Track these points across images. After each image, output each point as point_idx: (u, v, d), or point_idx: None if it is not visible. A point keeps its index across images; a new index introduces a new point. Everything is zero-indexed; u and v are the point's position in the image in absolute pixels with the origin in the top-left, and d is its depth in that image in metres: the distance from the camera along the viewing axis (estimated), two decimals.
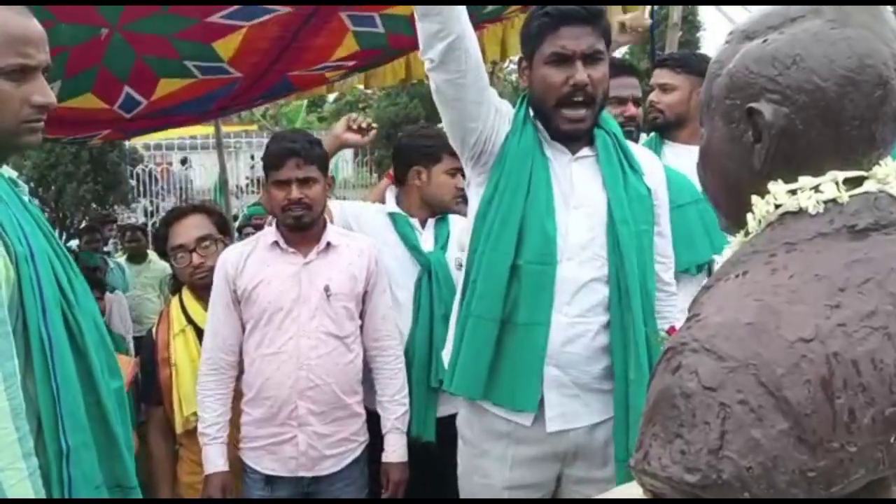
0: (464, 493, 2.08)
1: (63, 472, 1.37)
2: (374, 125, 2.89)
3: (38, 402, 1.36)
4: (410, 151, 2.70)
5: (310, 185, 2.32)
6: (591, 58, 1.89)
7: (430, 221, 2.67)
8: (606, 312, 1.91)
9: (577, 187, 1.96)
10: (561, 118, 1.92)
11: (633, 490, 1.02)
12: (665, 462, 0.76)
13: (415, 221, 2.65)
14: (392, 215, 2.64)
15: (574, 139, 1.97)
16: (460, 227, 2.63)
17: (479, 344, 1.92)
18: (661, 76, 2.75)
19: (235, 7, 2.84)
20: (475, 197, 2.02)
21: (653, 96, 2.77)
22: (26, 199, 1.47)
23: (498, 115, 1.96)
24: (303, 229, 2.35)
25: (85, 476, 1.41)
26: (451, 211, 2.66)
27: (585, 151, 1.99)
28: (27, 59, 1.38)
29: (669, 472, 0.76)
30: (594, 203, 1.94)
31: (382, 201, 2.75)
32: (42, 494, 1.32)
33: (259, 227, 4.14)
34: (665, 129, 2.72)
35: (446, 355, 2.06)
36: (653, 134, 2.90)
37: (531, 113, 2.00)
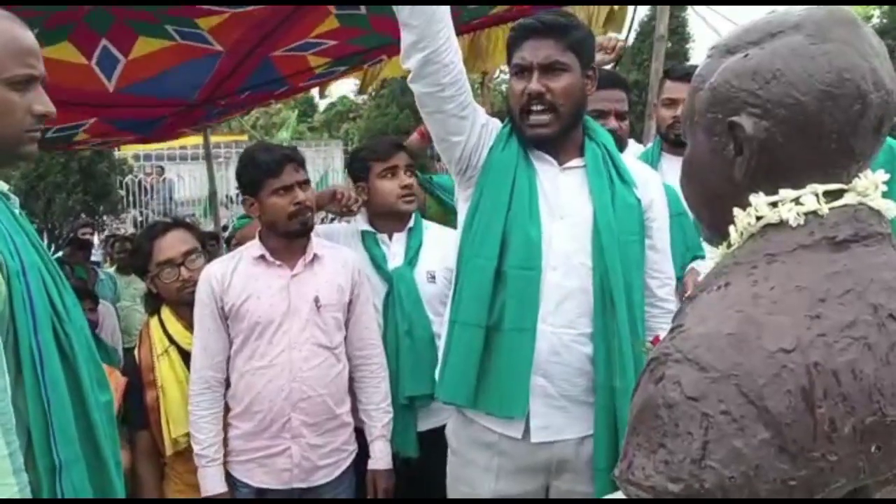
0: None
1: (56, 487, 1.37)
2: (359, 207, 2.82)
3: (28, 417, 1.35)
4: (350, 172, 2.75)
5: (307, 188, 2.36)
6: (549, 68, 1.91)
7: (399, 235, 2.66)
8: (592, 323, 1.92)
9: (562, 197, 1.97)
10: (525, 125, 1.96)
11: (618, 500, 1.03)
12: (649, 472, 0.77)
13: (384, 237, 2.65)
14: (362, 233, 2.65)
15: (546, 146, 1.98)
16: (436, 236, 2.64)
17: (465, 351, 1.92)
18: (676, 90, 2.72)
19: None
20: (463, 212, 2.04)
21: (667, 111, 2.77)
22: (17, 212, 1.47)
23: (485, 130, 1.99)
24: (304, 235, 2.36)
25: (76, 490, 1.40)
26: (399, 211, 2.63)
27: (574, 162, 2.00)
28: (32, 69, 1.42)
29: (653, 482, 0.76)
30: (580, 213, 1.95)
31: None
32: None
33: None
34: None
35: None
36: (651, 144, 2.91)
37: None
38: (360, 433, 2.46)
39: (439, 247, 2.60)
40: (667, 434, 0.76)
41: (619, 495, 1.03)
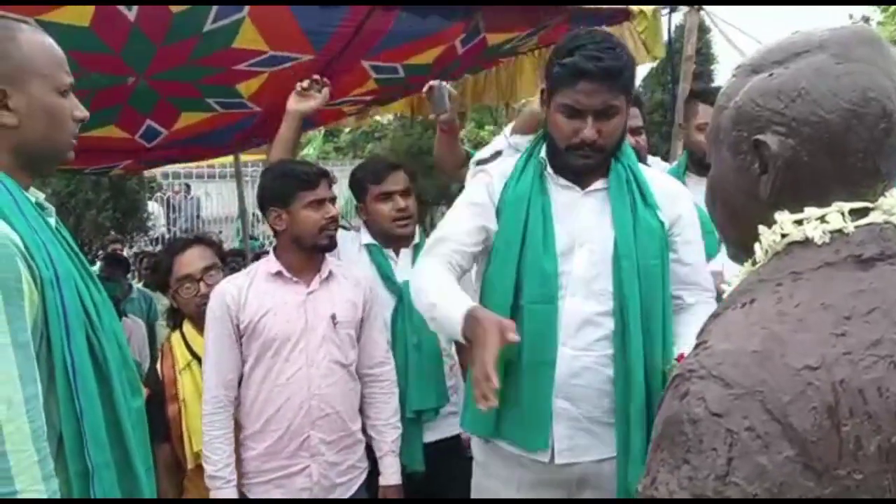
0: None
1: (89, 491, 1.40)
2: (325, 81, 2.83)
3: (60, 423, 1.38)
4: (352, 189, 2.78)
5: (335, 205, 2.40)
6: (603, 113, 1.89)
7: (406, 251, 2.69)
8: (612, 345, 1.92)
9: (582, 223, 1.96)
10: (570, 159, 1.95)
11: None
12: (672, 488, 0.77)
13: (389, 252, 2.68)
14: (367, 246, 2.67)
15: (584, 174, 1.99)
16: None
17: (528, 397, 1.92)
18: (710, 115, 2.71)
19: (261, 56, 2.90)
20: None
21: (702, 136, 2.75)
22: (53, 221, 1.50)
23: (488, 218, 2.01)
24: (329, 250, 2.40)
25: (106, 494, 1.43)
26: (394, 235, 2.66)
27: (598, 185, 1.99)
28: (71, 77, 1.49)
29: (677, 498, 0.76)
30: (601, 239, 1.94)
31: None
32: None
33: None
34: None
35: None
36: (676, 163, 2.89)
37: (542, 150, 2.02)
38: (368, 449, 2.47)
39: None
40: (691, 450, 0.76)
41: None
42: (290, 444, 2.28)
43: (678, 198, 2.05)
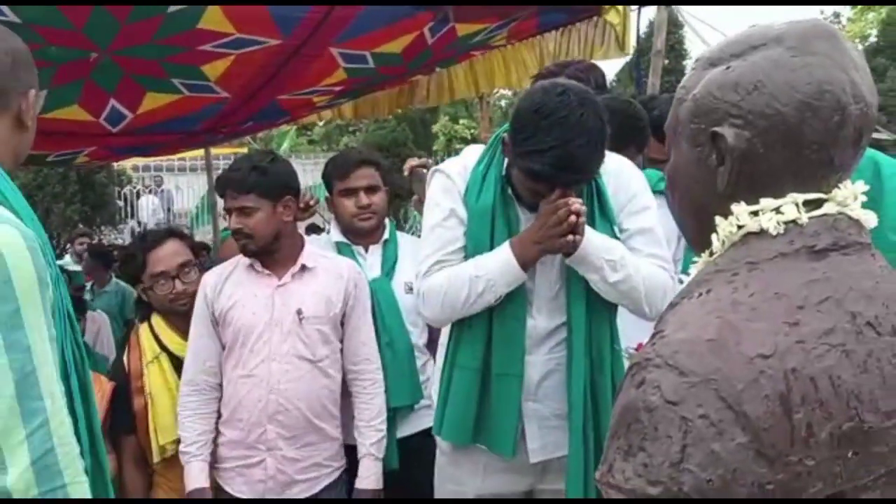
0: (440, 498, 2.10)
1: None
2: (316, 203, 2.88)
3: None
4: (324, 181, 2.77)
5: (248, 215, 2.31)
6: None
7: (375, 247, 2.68)
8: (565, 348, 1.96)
9: None
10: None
11: None
12: (628, 475, 0.78)
13: (359, 249, 2.67)
14: (337, 244, 2.66)
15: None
16: (411, 248, 2.63)
17: (463, 394, 1.95)
18: None
19: (227, 38, 2.87)
20: None
21: None
22: None
23: (461, 221, 1.97)
24: (252, 256, 2.36)
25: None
26: (357, 231, 2.66)
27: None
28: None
29: (632, 485, 0.77)
30: (558, 255, 1.92)
31: None
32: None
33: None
34: None
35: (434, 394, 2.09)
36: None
37: (503, 165, 1.95)
38: (351, 450, 2.45)
39: (415, 258, 2.61)
40: (646, 437, 0.77)
41: None
42: (250, 436, 2.29)
43: (623, 172, 2.01)
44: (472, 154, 2.03)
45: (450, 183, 1.99)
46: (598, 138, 1.74)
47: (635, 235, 1.96)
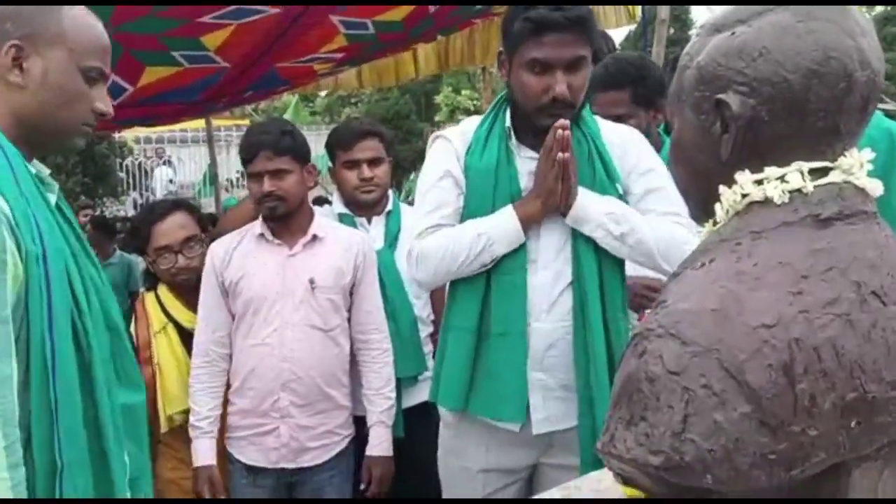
0: (442, 475, 2.10)
1: (55, 489, 1.28)
2: None
3: (30, 414, 1.26)
4: (327, 151, 2.75)
5: (282, 177, 2.32)
6: (572, 66, 1.83)
7: (378, 219, 2.68)
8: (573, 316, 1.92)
9: None
10: (540, 119, 1.87)
11: (605, 476, 1.04)
12: (630, 444, 0.78)
13: (362, 220, 2.66)
14: (340, 216, 2.65)
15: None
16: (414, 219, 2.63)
17: (457, 356, 1.94)
18: None
19: (227, 9, 2.85)
20: None
21: None
22: (54, 198, 1.41)
23: (457, 183, 1.97)
24: (280, 220, 2.35)
25: (77, 495, 1.31)
26: (360, 203, 2.65)
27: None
28: (104, 66, 1.43)
29: (634, 455, 0.77)
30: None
31: None
32: None
33: None
34: None
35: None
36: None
37: (507, 118, 1.96)
38: (359, 420, 2.46)
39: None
40: (648, 407, 0.77)
41: (601, 473, 1.05)
42: (263, 404, 2.30)
43: (636, 144, 2.00)
44: (472, 122, 2.04)
45: (448, 146, 1.99)
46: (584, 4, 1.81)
47: (646, 196, 1.94)
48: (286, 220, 2.36)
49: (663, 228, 1.89)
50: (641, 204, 1.93)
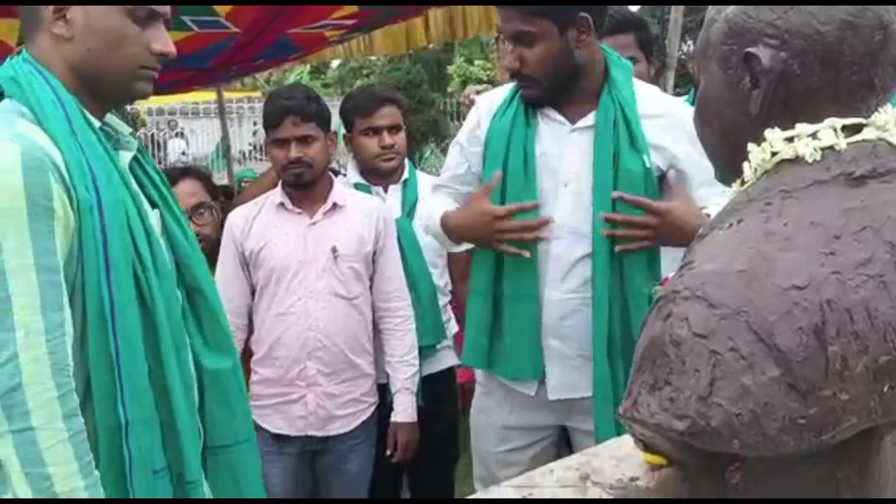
0: (473, 429, 2.15)
1: (121, 448, 1.25)
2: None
3: (90, 367, 1.24)
4: (342, 117, 2.69)
5: (308, 143, 2.30)
6: (519, 39, 1.84)
7: (394, 188, 2.63)
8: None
9: (567, 162, 1.90)
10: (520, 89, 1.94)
11: (625, 444, 1.02)
12: (654, 409, 0.76)
13: (378, 189, 2.62)
14: (355, 185, 2.61)
15: (553, 104, 1.92)
16: (432, 187, 2.60)
17: (478, 318, 1.97)
18: None
19: None
20: None
21: None
22: (128, 155, 1.39)
23: (473, 156, 2.04)
24: (304, 187, 2.33)
25: (143, 456, 1.27)
26: (378, 170, 2.60)
27: (587, 121, 1.90)
28: (162, 8, 1.38)
29: (658, 420, 0.75)
30: (584, 179, 1.88)
31: None
32: (87, 458, 1.20)
33: None
34: None
35: None
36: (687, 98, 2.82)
37: None
38: (383, 388, 2.46)
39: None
40: (673, 371, 0.75)
41: (621, 440, 1.03)
42: (289, 373, 2.29)
43: (673, 128, 1.91)
44: (508, 87, 2.04)
45: (474, 112, 2.07)
46: None
47: (702, 186, 1.87)
48: (309, 188, 2.34)
49: None
50: (699, 193, 1.89)
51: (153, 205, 1.42)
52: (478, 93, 2.46)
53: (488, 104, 2.02)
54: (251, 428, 1.56)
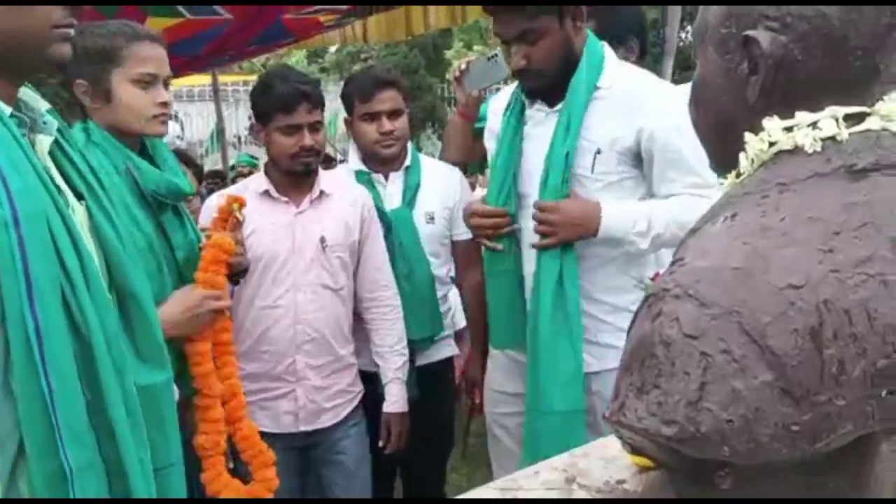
0: (485, 397, 2.35)
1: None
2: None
3: (17, 413, 1.05)
4: (343, 101, 2.60)
5: (317, 130, 2.26)
6: (524, 38, 1.92)
7: (396, 175, 2.55)
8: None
9: (543, 144, 2.00)
10: (523, 84, 2.07)
11: (613, 443, 0.99)
12: (641, 413, 0.71)
13: (379, 177, 2.54)
14: (356, 173, 2.54)
15: (543, 96, 2.04)
16: (435, 174, 2.56)
17: (492, 297, 2.18)
18: None
19: None
20: None
21: None
22: (47, 140, 1.20)
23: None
24: (308, 176, 2.28)
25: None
26: (378, 156, 2.51)
27: (563, 104, 2.00)
28: None
29: (645, 424, 0.71)
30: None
31: None
32: None
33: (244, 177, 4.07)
34: None
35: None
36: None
37: None
38: (371, 377, 2.43)
39: (438, 186, 2.52)
40: (661, 374, 0.71)
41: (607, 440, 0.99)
42: (277, 368, 2.24)
43: (647, 108, 1.93)
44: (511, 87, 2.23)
45: (490, 105, 2.31)
46: None
47: (666, 170, 1.93)
48: (306, 177, 2.28)
49: (686, 213, 1.83)
50: (662, 177, 1.95)
51: (79, 196, 1.24)
52: (468, 63, 2.35)
53: (503, 97, 2.20)
54: (180, 450, 1.41)
